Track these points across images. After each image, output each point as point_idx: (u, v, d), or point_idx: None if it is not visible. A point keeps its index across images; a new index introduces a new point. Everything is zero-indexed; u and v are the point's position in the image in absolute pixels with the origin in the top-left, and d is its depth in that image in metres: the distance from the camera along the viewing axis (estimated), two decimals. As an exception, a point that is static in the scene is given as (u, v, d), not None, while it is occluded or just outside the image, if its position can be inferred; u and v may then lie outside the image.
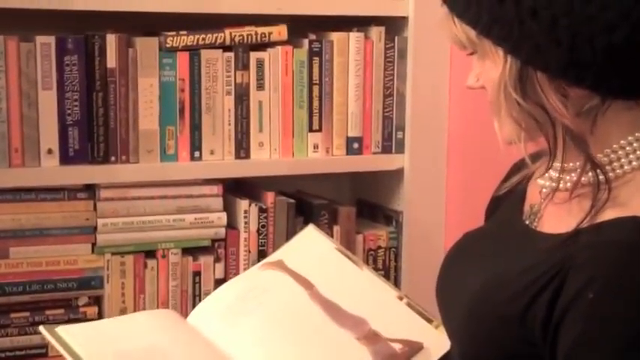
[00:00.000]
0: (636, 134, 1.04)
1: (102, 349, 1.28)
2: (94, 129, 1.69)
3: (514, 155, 1.18)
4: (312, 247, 1.52)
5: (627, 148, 1.04)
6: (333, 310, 1.40)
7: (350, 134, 1.87)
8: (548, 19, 0.97)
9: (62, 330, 1.30)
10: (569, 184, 1.06)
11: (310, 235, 1.55)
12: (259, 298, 1.43)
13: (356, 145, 1.88)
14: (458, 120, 1.94)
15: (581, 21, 0.96)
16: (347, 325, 1.37)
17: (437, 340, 1.20)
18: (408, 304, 1.42)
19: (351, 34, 1.85)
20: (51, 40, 1.65)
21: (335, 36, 1.85)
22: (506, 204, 1.22)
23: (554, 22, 0.96)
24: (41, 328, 1.32)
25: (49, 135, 1.67)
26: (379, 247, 1.94)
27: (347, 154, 1.88)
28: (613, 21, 0.96)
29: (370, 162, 1.90)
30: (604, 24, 0.96)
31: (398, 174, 1.93)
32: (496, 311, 1.06)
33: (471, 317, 1.10)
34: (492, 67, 1.04)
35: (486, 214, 1.32)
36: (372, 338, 1.35)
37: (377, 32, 1.87)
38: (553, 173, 1.08)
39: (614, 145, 1.04)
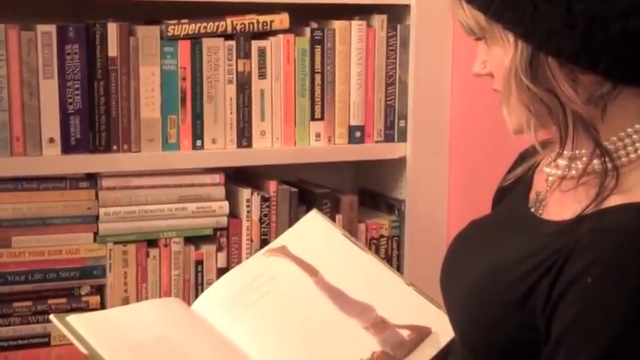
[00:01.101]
0: None
1: (114, 340, 1.28)
2: (96, 118, 1.69)
3: (516, 143, 1.18)
4: (315, 233, 1.51)
5: (634, 136, 1.03)
6: (339, 297, 1.39)
7: (352, 123, 1.87)
8: (564, 3, 0.96)
9: (73, 319, 1.31)
10: (574, 172, 1.06)
11: (314, 220, 1.54)
12: (264, 287, 1.42)
13: (358, 134, 1.88)
14: (460, 108, 1.93)
15: (597, 5, 0.96)
16: (354, 312, 1.37)
17: (446, 325, 1.20)
18: (417, 290, 1.42)
19: (353, 22, 1.84)
20: (52, 28, 1.64)
21: (337, 24, 1.84)
22: (513, 193, 1.22)
23: (569, 6, 0.96)
24: (52, 316, 1.33)
25: (50, 124, 1.66)
26: (381, 236, 1.94)
27: (349, 142, 1.87)
28: (629, 6, 0.96)
29: (372, 151, 1.90)
30: (620, 9, 0.96)
31: (400, 162, 1.92)
32: (497, 297, 1.06)
33: (472, 303, 1.10)
34: (502, 53, 1.03)
35: (493, 204, 1.32)
36: (379, 326, 1.35)
37: (379, 20, 1.86)
38: (561, 161, 1.08)
39: (621, 133, 1.03)
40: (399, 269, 1.93)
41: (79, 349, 1.26)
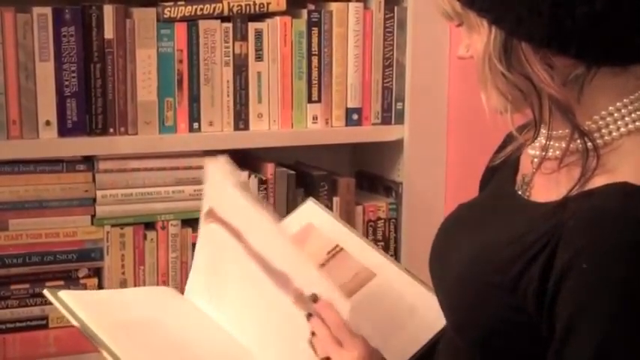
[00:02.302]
0: (624, 100, 1.03)
1: (102, 315, 1.28)
2: (92, 100, 1.69)
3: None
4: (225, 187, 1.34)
5: (615, 115, 1.03)
6: (266, 268, 1.27)
7: (349, 105, 1.87)
8: None
9: (64, 294, 1.31)
10: (558, 152, 1.06)
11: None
12: (223, 271, 1.36)
13: (355, 116, 1.87)
14: (458, 90, 1.93)
15: None
16: (279, 284, 1.25)
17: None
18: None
19: (350, 4, 1.84)
20: (48, 11, 1.64)
21: (334, 6, 1.83)
22: (500, 174, 1.22)
23: None
24: (45, 291, 1.33)
25: (47, 107, 1.66)
26: (379, 219, 1.94)
27: (346, 125, 1.87)
28: None
29: (370, 133, 1.90)
30: None
31: (397, 145, 1.92)
32: (485, 279, 1.06)
33: (460, 285, 1.10)
34: (478, 38, 1.04)
35: (481, 185, 1.32)
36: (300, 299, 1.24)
37: (376, 2, 1.86)
38: (543, 141, 1.08)
39: (603, 112, 1.04)
40: (396, 251, 1.93)
41: (71, 322, 1.27)
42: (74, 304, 1.28)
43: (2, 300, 1.69)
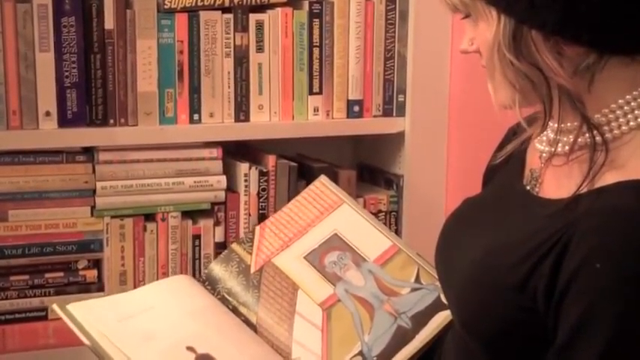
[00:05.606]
0: (634, 93, 1.02)
1: (113, 331, 1.27)
2: (93, 91, 1.68)
3: (513, 118, 1.17)
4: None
5: (625, 108, 1.02)
6: None
7: (350, 97, 1.86)
8: None
9: (73, 307, 1.31)
10: (567, 147, 1.04)
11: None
12: None
13: (356, 108, 1.87)
14: (459, 83, 1.92)
15: None
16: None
17: None
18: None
19: (352, -5, 1.83)
20: (48, 1, 1.63)
21: (335, -3, 1.83)
22: (506, 169, 1.20)
23: None
24: (54, 306, 1.32)
25: (47, 97, 1.65)
26: (380, 211, 1.93)
27: (347, 117, 1.87)
28: None
29: (371, 125, 1.89)
30: None
31: (399, 137, 1.91)
32: (497, 278, 1.04)
33: (471, 284, 1.09)
34: (486, 28, 1.02)
35: (483, 182, 1.30)
36: None
37: (378, -6, 1.85)
38: (551, 135, 1.07)
39: (612, 105, 1.02)
40: (397, 244, 1.93)
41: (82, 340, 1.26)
42: (84, 318, 1.27)
43: (2, 291, 1.68)
